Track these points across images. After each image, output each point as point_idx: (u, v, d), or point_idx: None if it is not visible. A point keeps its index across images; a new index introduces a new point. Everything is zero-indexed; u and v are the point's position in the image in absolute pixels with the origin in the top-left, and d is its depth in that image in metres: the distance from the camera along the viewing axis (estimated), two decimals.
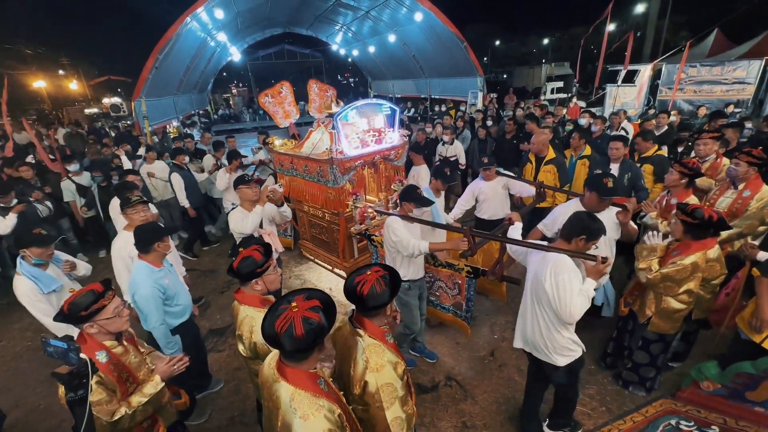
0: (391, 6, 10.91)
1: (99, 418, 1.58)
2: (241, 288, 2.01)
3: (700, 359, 2.86)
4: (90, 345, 1.66)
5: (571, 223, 2.09)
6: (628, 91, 11.16)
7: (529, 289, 2.21)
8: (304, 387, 1.32)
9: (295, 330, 1.25)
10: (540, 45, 40.09)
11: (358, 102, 4.03)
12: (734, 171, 3.05)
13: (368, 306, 1.54)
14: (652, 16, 16.53)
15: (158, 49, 7.85)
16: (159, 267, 2.47)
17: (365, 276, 1.56)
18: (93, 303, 1.62)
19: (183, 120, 11.74)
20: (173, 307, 2.56)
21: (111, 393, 1.64)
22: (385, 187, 4.64)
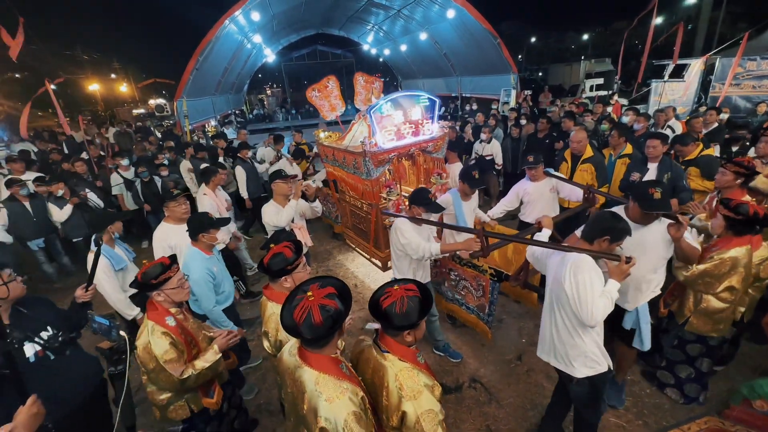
0: (423, 4, 10.84)
1: (171, 374, 1.78)
2: (270, 284, 2.04)
3: (751, 376, 2.63)
4: (159, 311, 1.88)
5: (593, 223, 1.97)
6: (676, 88, 10.40)
7: (549, 293, 2.10)
8: (328, 371, 1.35)
9: (314, 318, 1.28)
10: (578, 41, 38.49)
11: (393, 94, 4.04)
12: None
13: (395, 325, 1.41)
14: (705, 7, 15.35)
15: (199, 51, 8.26)
16: (209, 255, 2.69)
17: (391, 291, 1.45)
18: (161, 273, 1.86)
19: (220, 119, 12.27)
20: (219, 294, 2.74)
21: (180, 354, 1.85)
22: (424, 180, 4.63)
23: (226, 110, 14.14)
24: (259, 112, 21.00)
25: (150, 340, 1.79)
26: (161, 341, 1.80)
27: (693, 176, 3.87)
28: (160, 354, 1.78)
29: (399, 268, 2.98)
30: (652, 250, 2.23)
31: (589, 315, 1.83)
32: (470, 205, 3.41)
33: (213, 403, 2.05)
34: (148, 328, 1.83)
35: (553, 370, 3.06)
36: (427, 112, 4.27)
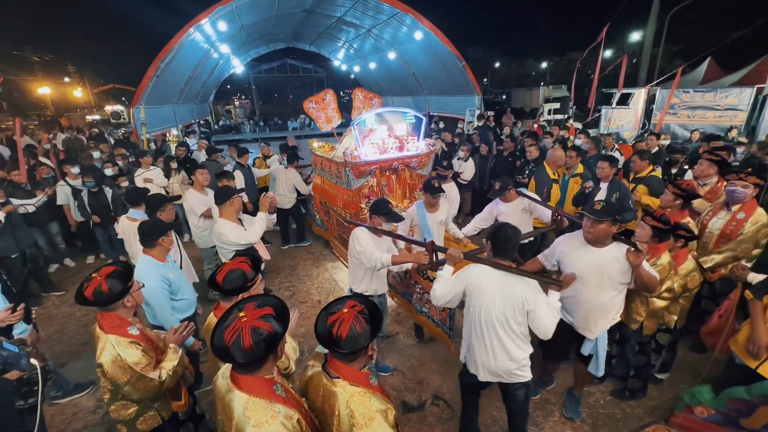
0: (392, 25, 11.17)
1: (152, 379, 1.77)
2: (221, 303, 1.93)
3: (693, 384, 2.78)
4: (119, 323, 1.81)
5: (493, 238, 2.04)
6: (624, 114, 11.32)
7: (484, 315, 2.04)
8: (259, 394, 1.27)
9: (243, 341, 1.20)
10: (537, 68, 41.23)
11: (381, 108, 4.16)
12: (738, 194, 2.96)
13: (347, 350, 1.34)
14: (647, 43, 16.97)
15: (160, 58, 7.96)
16: (163, 261, 2.58)
17: (340, 314, 1.36)
18: (128, 279, 1.85)
19: (182, 129, 11.81)
20: (178, 301, 2.65)
21: (151, 359, 1.84)
22: (408, 195, 4.70)
23: (190, 120, 13.65)
24: (226, 123, 20.46)
25: (119, 353, 1.73)
26: (132, 350, 1.77)
27: (641, 194, 4.15)
28: (135, 362, 1.75)
29: (354, 276, 2.97)
30: (607, 273, 2.27)
31: (544, 330, 1.97)
32: (436, 217, 3.44)
33: (182, 405, 2.04)
34: (111, 342, 1.75)
35: None
36: (413, 129, 4.38)
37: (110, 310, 1.81)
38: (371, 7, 10.37)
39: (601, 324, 2.41)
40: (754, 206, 2.97)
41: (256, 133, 17.99)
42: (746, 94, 10.03)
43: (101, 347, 1.76)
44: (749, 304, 2.35)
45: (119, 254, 5.60)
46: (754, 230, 2.89)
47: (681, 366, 3.27)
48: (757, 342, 2.19)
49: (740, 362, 2.32)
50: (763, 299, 2.25)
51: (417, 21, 9.83)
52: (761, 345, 2.17)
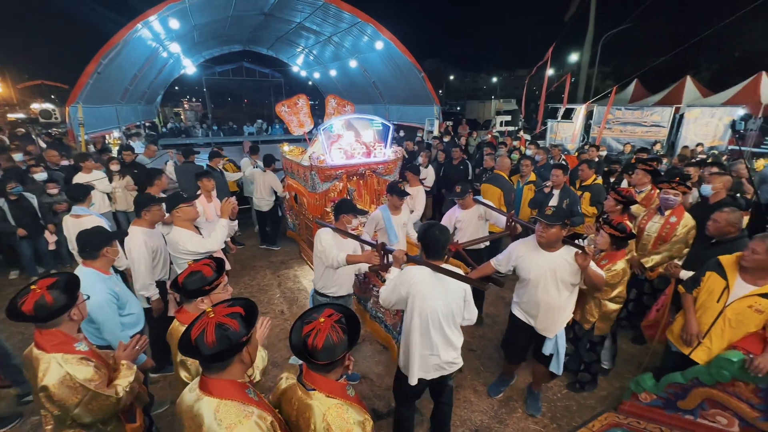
0: (353, 34, 11.26)
1: (108, 396, 1.63)
2: (183, 306, 1.82)
3: (637, 373, 3.05)
4: (64, 340, 1.65)
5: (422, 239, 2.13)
6: (567, 127, 12.34)
7: (430, 315, 2.05)
8: (231, 396, 1.23)
9: (206, 336, 1.18)
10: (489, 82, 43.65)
11: (349, 114, 4.19)
12: (670, 200, 3.34)
13: (323, 361, 1.29)
14: (584, 65, 18.69)
15: (102, 53, 7.30)
16: (108, 274, 2.38)
17: (316, 324, 1.31)
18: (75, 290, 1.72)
19: (125, 130, 10.92)
20: (125, 316, 2.47)
21: (104, 376, 1.69)
22: (376, 200, 4.77)
23: (135, 121, 12.67)
24: (175, 126, 19.25)
25: (68, 371, 1.56)
26: (83, 367, 1.61)
27: (586, 200, 4.54)
28: (88, 379, 1.60)
29: (317, 275, 2.99)
30: (560, 275, 2.42)
31: (474, 317, 2.20)
32: (400, 219, 3.58)
33: (138, 427, 1.89)
34: (57, 361, 1.57)
35: (480, 384, 3.23)
36: (380, 137, 4.44)
37: (52, 326, 1.63)
38: (332, 15, 10.38)
39: (559, 323, 2.55)
40: (683, 211, 3.37)
41: (208, 137, 17.10)
42: (666, 112, 11.37)
43: (44, 369, 1.57)
44: (682, 297, 2.63)
45: (50, 268, 5.04)
46: (684, 232, 3.27)
47: (625, 358, 3.57)
48: (689, 331, 2.46)
49: (676, 350, 2.58)
50: (693, 293, 2.54)
51: (378, 31, 10.00)
52: (693, 333, 2.44)
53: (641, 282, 3.68)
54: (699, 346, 2.42)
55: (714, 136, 10.35)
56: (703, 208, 3.57)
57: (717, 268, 2.41)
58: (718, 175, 3.96)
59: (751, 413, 2.20)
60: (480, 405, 3.02)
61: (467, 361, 3.50)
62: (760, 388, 2.13)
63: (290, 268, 5.37)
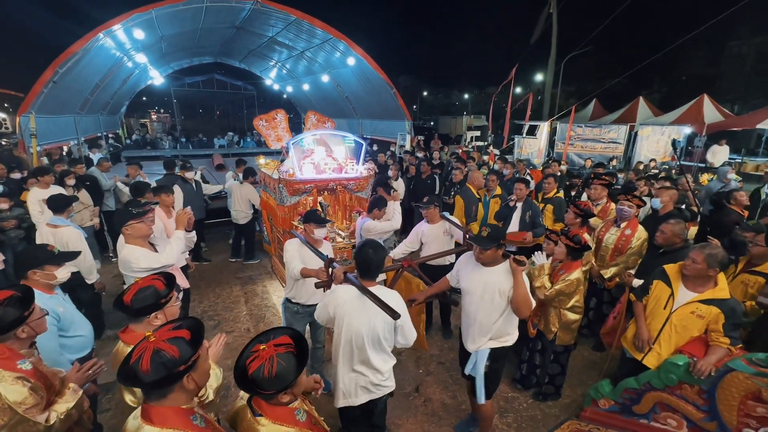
0: (325, 49, 11.38)
1: (35, 423, 1.52)
2: (129, 326, 1.72)
3: (598, 379, 3.16)
4: (8, 356, 1.57)
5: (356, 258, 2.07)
6: (532, 143, 12.91)
7: (354, 337, 2.00)
8: (173, 425, 1.17)
9: (141, 364, 1.12)
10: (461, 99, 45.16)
11: (321, 130, 4.22)
12: (625, 212, 3.55)
13: (267, 391, 1.24)
14: (548, 84, 19.77)
15: (59, 62, 6.95)
16: (50, 293, 2.27)
17: (257, 352, 1.26)
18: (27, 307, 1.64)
19: (84, 142, 10.39)
20: (71, 338, 2.34)
21: (40, 399, 1.59)
22: (348, 216, 4.77)
23: (95, 132, 12.10)
24: (140, 138, 18.55)
25: (0, 390, 1.47)
26: (17, 387, 1.52)
27: (548, 212, 4.72)
28: (18, 401, 1.49)
29: (288, 283, 2.97)
30: (497, 288, 2.25)
31: (410, 341, 2.11)
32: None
33: None
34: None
35: (449, 397, 3.23)
36: (353, 153, 4.45)
37: (1, 341, 1.59)
38: (305, 31, 10.46)
39: (479, 338, 2.35)
40: (637, 224, 3.57)
41: (176, 149, 16.54)
42: (623, 130, 12.15)
43: None
44: (633, 305, 2.78)
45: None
46: (639, 244, 3.45)
47: (586, 365, 3.69)
48: (640, 337, 2.58)
49: (630, 356, 2.70)
50: (643, 300, 2.68)
51: (350, 48, 10.16)
52: (644, 339, 2.56)
53: (601, 291, 3.85)
54: (650, 351, 2.54)
55: (665, 152, 11.15)
56: (654, 220, 3.82)
57: (662, 276, 2.56)
58: (665, 189, 4.26)
59: (697, 414, 2.32)
60: (448, 419, 3.02)
61: (437, 375, 3.51)
62: (703, 390, 2.26)
63: (259, 284, 5.23)
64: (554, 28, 17.32)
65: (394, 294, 2.06)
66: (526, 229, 4.22)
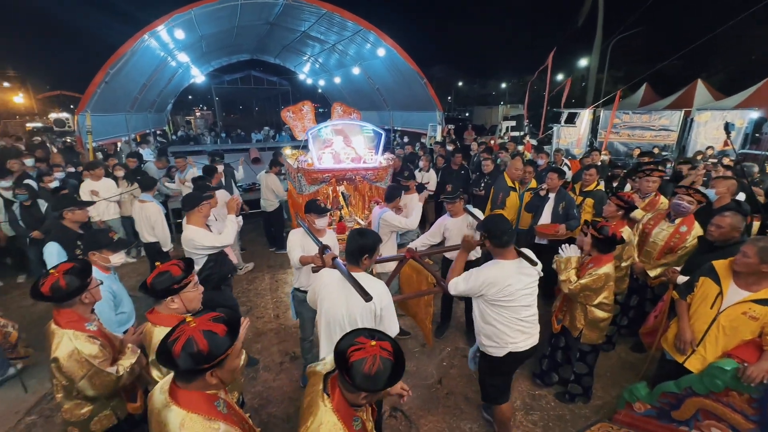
0: (356, 41, 11.38)
1: (109, 373, 1.78)
2: (155, 308, 1.84)
3: (635, 381, 2.95)
4: (77, 320, 1.81)
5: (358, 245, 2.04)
6: (572, 132, 12.19)
7: (332, 320, 2.02)
8: (197, 410, 1.21)
9: (175, 347, 1.16)
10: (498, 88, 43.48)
11: (339, 120, 4.24)
12: (683, 207, 3.16)
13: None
14: (592, 69, 18.52)
15: (110, 63, 7.52)
16: (107, 273, 2.59)
17: (365, 346, 1.23)
18: (87, 276, 1.85)
19: (134, 138, 11.20)
20: (118, 315, 2.64)
21: (108, 355, 1.85)
22: (369, 206, 4.79)
23: (144, 129, 12.99)
24: (184, 134, 19.66)
25: (77, 347, 1.73)
26: (89, 344, 1.77)
27: (587, 207, 4.40)
28: (93, 355, 1.76)
29: (295, 272, 3.02)
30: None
31: (394, 332, 2.06)
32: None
33: (138, 407, 2.01)
34: (69, 336, 1.75)
35: (472, 391, 3.16)
36: (372, 143, 4.46)
37: (67, 306, 1.81)
38: (336, 24, 10.52)
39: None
40: (693, 220, 3.19)
41: (217, 144, 17.38)
42: (676, 116, 11.15)
43: (57, 342, 1.74)
44: (676, 303, 2.55)
45: None
46: (694, 244, 3.10)
47: (623, 365, 3.47)
48: (682, 338, 2.37)
49: (671, 358, 2.49)
50: (687, 299, 2.46)
51: (380, 39, 10.08)
52: (686, 341, 2.35)
53: (643, 289, 3.58)
54: (693, 354, 2.33)
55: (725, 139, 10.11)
56: (707, 213, 3.43)
57: (710, 273, 2.33)
58: (722, 179, 3.85)
59: (746, 424, 2.10)
60: (470, 413, 2.96)
61: (461, 368, 3.45)
62: (754, 399, 2.04)
63: (288, 273, 5.38)
64: (600, 7, 16.15)
65: (377, 283, 2.02)
66: (558, 221, 3.99)
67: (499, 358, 2.28)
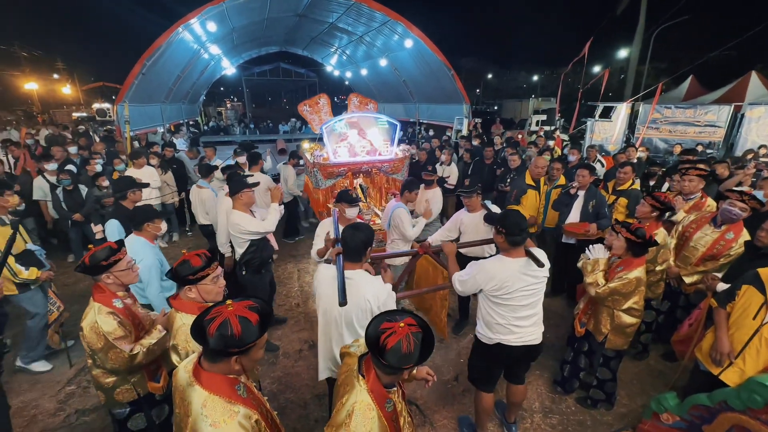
0: (384, 33, 11.27)
1: (121, 350, 1.87)
2: (178, 294, 1.90)
3: (662, 391, 2.81)
4: (107, 294, 1.94)
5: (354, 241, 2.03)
6: (607, 127, 11.58)
7: (328, 315, 2.04)
8: (219, 392, 1.25)
9: (210, 327, 1.20)
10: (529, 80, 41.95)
11: (353, 113, 4.26)
12: (734, 214, 2.88)
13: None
14: (632, 60, 17.47)
15: (146, 56, 7.85)
16: (153, 244, 2.83)
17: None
18: (111, 255, 1.93)
19: (170, 128, 11.67)
20: (164, 282, 2.85)
21: (128, 332, 1.95)
22: (386, 198, 4.84)
23: (178, 119, 13.50)
24: (215, 125, 20.33)
25: (97, 320, 1.85)
26: (108, 320, 1.88)
27: (620, 206, 4.15)
28: (109, 331, 1.85)
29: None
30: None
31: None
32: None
33: (159, 388, 2.09)
34: (95, 309, 1.88)
35: None
36: (387, 135, 4.42)
37: (98, 279, 1.96)
38: (364, 14, 10.45)
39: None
40: (741, 227, 2.94)
41: (246, 135, 17.87)
42: (724, 111, 10.34)
43: (85, 312, 1.91)
44: (714, 312, 2.39)
45: None
46: (740, 253, 2.85)
47: (652, 374, 3.30)
48: (719, 349, 2.22)
49: (705, 369, 2.35)
50: (727, 307, 2.29)
51: (408, 29, 9.93)
52: (723, 352, 2.20)
53: (676, 294, 3.38)
54: (730, 366, 2.18)
55: None
56: (756, 216, 3.16)
57: (755, 281, 2.15)
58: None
59: None
60: None
61: None
62: None
63: (312, 262, 5.46)
64: None
65: (375, 281, 2.00)
66: (588, 221, 3.82)
67: (487, 344, 2.32)
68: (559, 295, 4.42)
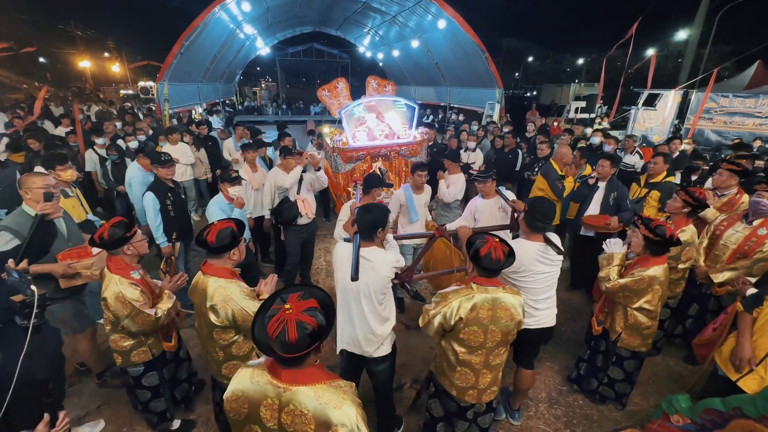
0: (417, 12, 10.98)
1: (149, 314, 2.11)
2: (208, 261, 2.03)
3: (678, 393, 2.72)
4: (124, 267, 2.14)
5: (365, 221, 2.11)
6: (653, 116, 10.78)
7: (345, 290, 2.13)
8: (321, 380, 1.23)
9: (288, 335, 1.13)
10: (573, 64, 39.36)
11: (370, 97, 4.25)
12: (762, 206, 2.74)
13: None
14: (691, 44, 15.96)
15: (185, 35, 8.12)
16: (230, 202, 3.39)
17: (490, 239, 1.80)
18: (128, 230, 2.14)
19: (207, 107, 12.12)
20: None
21: (148, 299, 2.17)
22: (405, 181, 4.82)
23: (214, 99, 13.97)
24: (250, 105, 20.85)
25: (121, 290, 2.05)
26: (132, 289, 2.08)
27: (652, 200, 3.95)
28: (134, 299, 2.07)
29: None
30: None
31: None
32: (421, 198, 3.69)
33: (172, 346, 2.39)
34: (116, 280, 2.06)
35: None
36: (406, 118, 4.39)
37: (114, 254, 2.15)
38: None
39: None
40: None
41: (278, 115, 18.23)
42: None
43: (106, 284, 2.09)
44: (738, 316, 2.27)
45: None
46: None
47: (670, 376, 3.20)
48: (740, 355, 2.12)
49: (722, 374, 2.25)
50: (753, 312, 2.17)
51: (441, 9, 9.61)
52: (744, 358, 2.10)
53: (706, 297, 3.22)
54: (750, 373, 2.08)
55: None
56: None
57: None
58: None
59: None
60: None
61: None
62: None
63: (332, 242, 5.60)
64: None
65: (388, 254, 2.12)
66: (609, 213, 3.65)
67: None
68: (579, 289, 4.32)
